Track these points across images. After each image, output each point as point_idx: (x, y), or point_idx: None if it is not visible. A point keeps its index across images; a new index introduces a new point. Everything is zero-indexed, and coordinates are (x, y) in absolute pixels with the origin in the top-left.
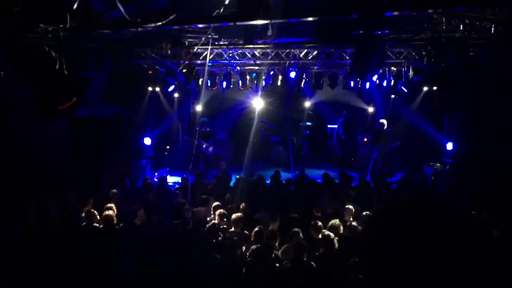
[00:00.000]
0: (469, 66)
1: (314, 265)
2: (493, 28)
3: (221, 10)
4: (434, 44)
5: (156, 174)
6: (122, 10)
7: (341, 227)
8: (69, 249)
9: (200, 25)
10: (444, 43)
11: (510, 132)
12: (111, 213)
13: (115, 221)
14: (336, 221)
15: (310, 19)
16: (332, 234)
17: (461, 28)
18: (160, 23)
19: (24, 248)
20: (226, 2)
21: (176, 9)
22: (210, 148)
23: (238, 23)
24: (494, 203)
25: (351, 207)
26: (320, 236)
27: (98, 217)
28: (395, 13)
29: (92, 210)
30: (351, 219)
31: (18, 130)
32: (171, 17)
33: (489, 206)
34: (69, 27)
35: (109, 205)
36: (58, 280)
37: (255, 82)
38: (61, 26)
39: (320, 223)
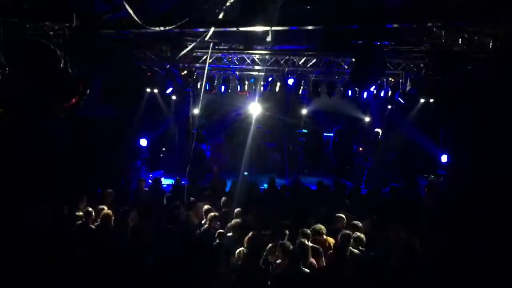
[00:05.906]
0: (465, 80)
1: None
2: (491, 43)
3: (223, 15)
4: (433, 56)
5: (150, 175)
6: (131, 12)
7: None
8: (65, 250)
9: (201, 29)
10: (443, 56)
11: (506, 147)
12: (108, 212)
13: (112, 221)
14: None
15: (311, 27)
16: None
17: (460, 42)
18: (164, 27)
19: (21, 248)
20: (228, 4)
21: (179, 13)
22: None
23: (239, 29)
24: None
25: (342, 215)
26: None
27: (94, 216)
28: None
29: (90, 209)
30: (344, 227)
31: (20, 130)
32: (181, 22)
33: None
34: (73, 27)
35: (103, 206)
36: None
37: (253, 88)
38: (67, 25)
39: (308, 231)
